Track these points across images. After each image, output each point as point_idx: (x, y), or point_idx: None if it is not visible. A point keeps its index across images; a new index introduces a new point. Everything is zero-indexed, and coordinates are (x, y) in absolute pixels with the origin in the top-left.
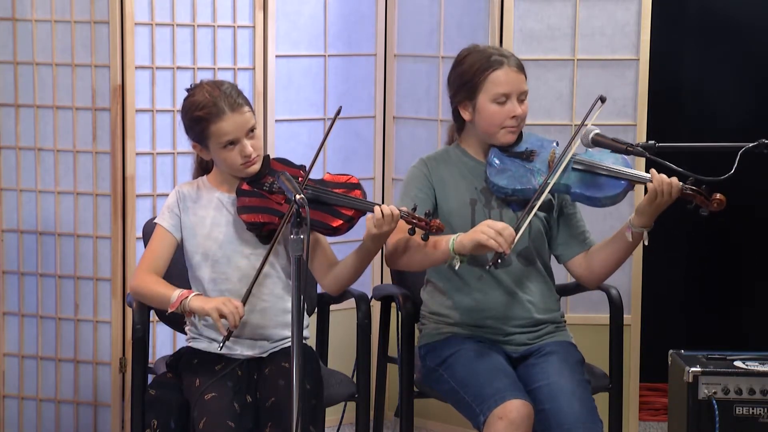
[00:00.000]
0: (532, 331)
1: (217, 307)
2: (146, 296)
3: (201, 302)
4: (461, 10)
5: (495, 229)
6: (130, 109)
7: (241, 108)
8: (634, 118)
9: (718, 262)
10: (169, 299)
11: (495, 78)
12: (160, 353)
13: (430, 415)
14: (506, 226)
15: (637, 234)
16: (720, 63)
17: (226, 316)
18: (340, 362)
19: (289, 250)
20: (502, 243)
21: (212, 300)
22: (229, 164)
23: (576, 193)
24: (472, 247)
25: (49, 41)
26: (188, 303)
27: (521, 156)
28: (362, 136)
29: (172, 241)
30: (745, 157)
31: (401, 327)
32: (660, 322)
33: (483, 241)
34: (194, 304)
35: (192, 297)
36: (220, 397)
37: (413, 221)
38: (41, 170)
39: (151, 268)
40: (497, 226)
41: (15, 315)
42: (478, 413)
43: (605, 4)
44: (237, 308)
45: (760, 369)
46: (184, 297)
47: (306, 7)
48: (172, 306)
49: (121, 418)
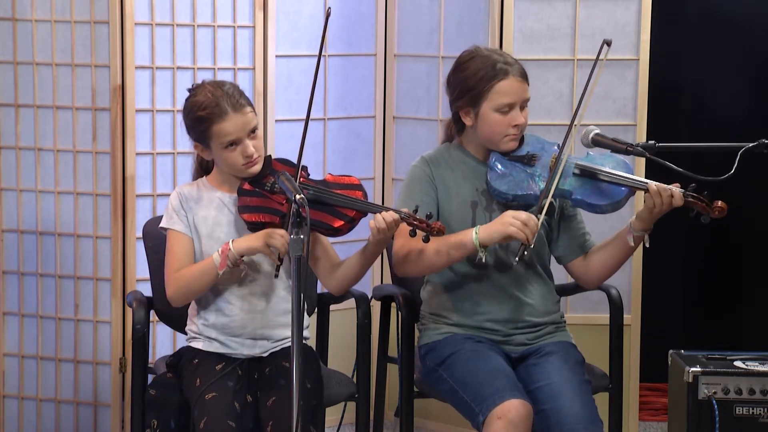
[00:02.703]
0: (532, 331)
1: (266, 242)
2: (189, 286)
3: (247, 242)
4: (461, 10)
5: (521, 220)
6: (130, 109)
7: (244, 108)
8: (634, 118)
9: (718, 262)
10: (212, 264)
11: (500, 88)
12: (160, 353)
13: (430, 415)
14: (530, 216)
15: (638, 238)
16: (720, 63)
17: (276, 246)
18: (340, 362)
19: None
20: (529, 234)
21: (257, 236)
22: (230, 164)
23: (577, 200)
24: (500, 238)
25: (49, 41)
26: (234, 251)
27: (522, 160)
28: (362, 136)
29: (190, 242)
30: (745, 157)
31: (401, 327)
32: (660, 322)
33: (512, 233)
34: (241, 247)
35: (233, 245)
36: (221, 396)
37: (414, 223)
38: (41, 170)
39: (179, 270)
40: (521, 217)
41: (15, 315)
42: (477, 413)
43: (605, 4)
44: (282, 236)
45: (760, 369)
46: (227, 250)
47: (306, 7)
48: (221, 266)
49: (121, 418)
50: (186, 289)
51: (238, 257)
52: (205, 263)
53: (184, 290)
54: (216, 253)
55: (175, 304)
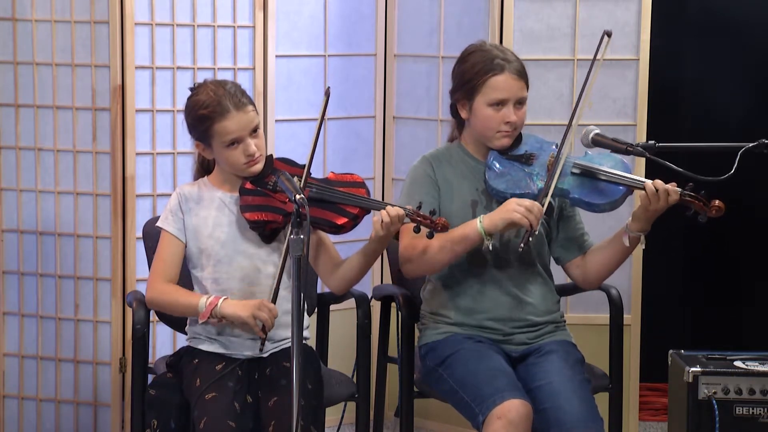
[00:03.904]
0: (532, 330)
1: (253, 315)
2: (167, 307)
3: (234, 309)
4: (461, 10)
5: (525, 207)
6: (130, 109)
7: (245, 107)
8: (634, 118)
9: (718, 262)
10: (196, 308)
11: (493, 83)
12: (160, 353)
13: (430, 415)
14: (534, 203)
15: (634, 238)
16: (720, 63)
17: (263, 321)
18: (340, 362)
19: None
20: (533, 220)
21: (245, 305)
22: (232, 163)
23: (575, 198)
24: (504, 225)
25: (49, 41)
26: (220, 311)
27: (520, 159)
28: (362, 136)
29: (180, 246)
30: (745, 157)
31: (401, 327)
32: (660, 322)
33: (517, 219)
34: (227, 312)
35: (222, 303)
36: (221, 397)
37: (418, 219)
38: (41, 170)
39: (164, 276)
40: (525, 203)
41: (15, 315)
42: (477, 413)
43: (605, 4)
44: (271, 311)
45: (760, 369)
46: (214, 305)
47: (306, 7)
48: (202, 317)
49: (121, 418)
50: (164, 307)
51: (221, 317)
52: (190, 301)
53: (160, 308)
54: (204, 300)
55: (150, 307)
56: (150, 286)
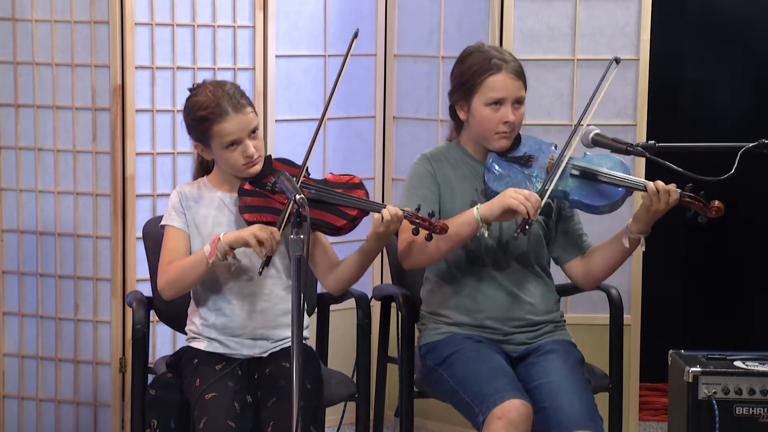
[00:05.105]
0: (532, 330)
1: (253, 233)
2: (179, 279)
3: (235, 234)
4: (461, 10)
5: (523, 195)
6: (130, 109)
7: (244, 108)
8: (634, 118)
9: (718, 262)
10: (203, 256)
11: (491, 82)
12: (160, 353)
13: (430, 415)
14: (531, 193)
15: (634, 240)
16: (720, 63)
17: (263, 241)
18: (340, 362)
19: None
20: (530, 208)
21: (246, 229)
22: (231, 164)
23: (574, 200)
24: (501, 212)
25: (49, 41)
26: (223, 243)
27: (519, 161)
28: (362, 136)
29: (186, 237)
30: (745, 157)
31: (401, 327)
32: (660, 322)
33: (513, 206)
34: (230, 239)
35: (222, 236)
36: (221, 397)
37: (417, 221)
38: (41, 170)
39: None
40: (524, 192)
41: (15, 315)
42: (477, 413)
43: (605, 4)
44: (272, 233)
45: (760, 369)
46: (216, 240)
47: (306, 7)
48: (210, 256)
49: (121, 418)
50: (177, 280)
51: (227, 248)
52: (195, 255)
53: (175, 281)
54: (206, 246)
55: (165, 296)
56: (159, 273)
